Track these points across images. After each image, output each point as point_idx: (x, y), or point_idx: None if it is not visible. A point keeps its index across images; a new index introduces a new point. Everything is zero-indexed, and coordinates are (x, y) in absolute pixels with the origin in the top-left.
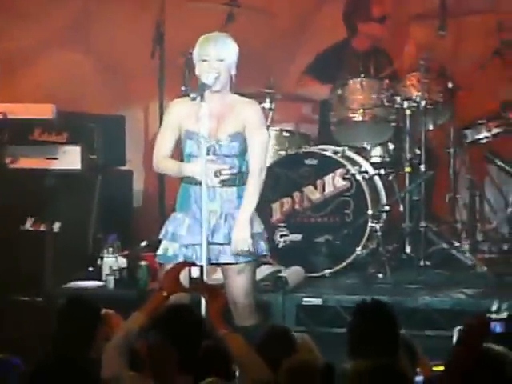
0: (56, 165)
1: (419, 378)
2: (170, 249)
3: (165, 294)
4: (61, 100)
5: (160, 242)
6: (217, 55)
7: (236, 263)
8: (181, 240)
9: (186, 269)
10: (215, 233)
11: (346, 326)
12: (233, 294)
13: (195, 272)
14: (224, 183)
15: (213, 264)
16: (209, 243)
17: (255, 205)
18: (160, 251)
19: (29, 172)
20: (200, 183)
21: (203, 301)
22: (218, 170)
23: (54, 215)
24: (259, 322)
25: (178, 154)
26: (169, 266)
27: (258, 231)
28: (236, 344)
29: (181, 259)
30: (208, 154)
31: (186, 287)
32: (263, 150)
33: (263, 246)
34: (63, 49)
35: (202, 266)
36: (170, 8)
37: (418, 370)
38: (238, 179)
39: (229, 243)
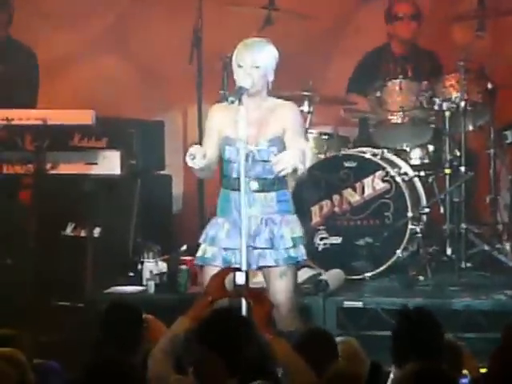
0: (96, 170)
1: (465, 380)
2: (208, 251)
3: (210, 299)
4: (100, 105)
5: (200, 245)
6: (252, 62)
7: (276, 266)
8: (220, 244)
9: (231, 274)
10: (256, 237)
11: (391, 331)
12: (275, 298)
13: (240, 277)
14: (263, 188)
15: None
16: (250, 248)
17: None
18: (199, 253)
19: (69, 178)
20: (239, 189)
21: (243, 307)
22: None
23: (95, 220)
24: (301, 326)
25: (219, 160)
26: (209, 268)
27: (299, 235)
28: (282, 349)
29: (219, 261)
30: (247, 159)
31: (231, 292)
32: (303, 153)
33: (303, 250)
34: (102, 54)
35: (247, 272)
36: (207, 12)
37: (464, 371)
38: (277, 184)
39: (270, 248)
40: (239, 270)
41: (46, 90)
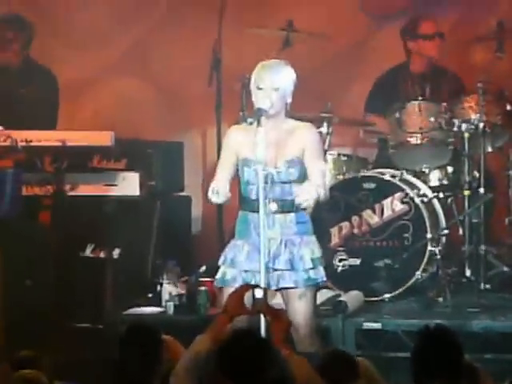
0: (115, 191)
1: None
2: (228, 273)
3: (229, 316)
4: (119, 127)
5: (219, 267)
6: (271, 84)
7: (296, 287)
8: (240, 266)
9: (250, 291)
10: (276, 259)
11: (410, 351)
12: (294, 320)
13: (259, 294)
14: (282, 210)
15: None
16: (270, 269)
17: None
18: (218, 275)
19: (88, 199)
20: (258, 210)
21: (262, 324)
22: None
23: (114, 242)
24: (321, 348)
25: (237, 181)
26: (229, 290)
27: (319, 256)
28: (300, 366)
29: (239, 283)
30: (266, 181)
31: (250, 309)
32: (322, 170)
33: (323, 272)
34: (122, 76)
35: (265, 289)
36: (226, 34)
37: None
38: (296, 205)
39: (290, 269)
40: (258, 286)
41: (65, 112)
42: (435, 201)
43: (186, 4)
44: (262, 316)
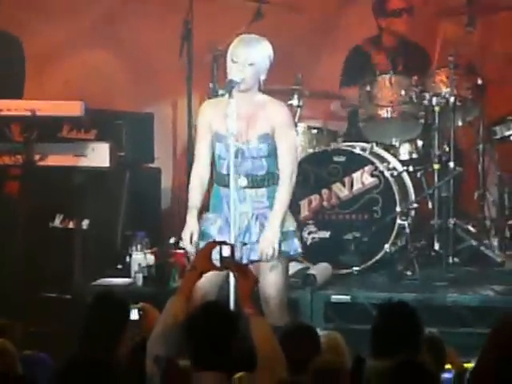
0: (84, 162)
1: (448, 375)
2: (200, 244)
3: (198, 272)
4: (90, 97)
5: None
6: (246, 59)
7: (267, 260)
8: (211, 238)
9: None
10: (247, 233)
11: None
12: (265, 291)
13: (226, 251)
14: (253, 185)
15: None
16: (241, 243)
17: (286, 209)
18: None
19: (57, 169)
20: (229, 185)
21: (231, 280)
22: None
23: (83, 212)
24: (290, 320)
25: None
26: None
27: (291, 229)
28: (260, 328)
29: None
30: (236, 156)
31: (218, 266)
32: (293, 153)
33: (297, 244)
34: (92, 46)
35: (232, 245)
36: (198, 5)
37: (447, 366)
38: (267, 180)
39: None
40: (225, 243)
41: (34, 81)
42: (405, 174)
43: None
44: (229, 272)
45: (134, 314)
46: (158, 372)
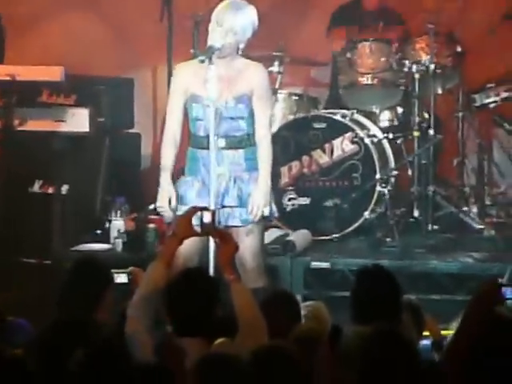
0: (64, 127)
1: (427, 342)
2: (179, 210)
3: (179, 237)
4: (69, 63)
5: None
6: (231, 26)
7: (244, 225)
8: (190, 203)
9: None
10: (225, 195)
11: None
12: (241, 256)
13: (207, 217)
14: (230, 146)
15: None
16: (219, 206)
17: (270, 168)
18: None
19: (37, 134)
20: (207, 147)
21: (211, 246)
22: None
23: (62, 178)
24: (267, 284)
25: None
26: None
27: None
28: (241, 294)
29: None
30: (215, 117)
31: (198, 231)
32: (269, 114)
33: (273, 208)
34: (72, 11)
35: (213, 211)
36: None
37: (425, 333)
38: (245, 141)
39: (239, 206)
40: (206, 209)
41: (14, 46)
42: (385, 141)
43: None
44: (210, 238)
45: (123, 278)
46: (151, 343)
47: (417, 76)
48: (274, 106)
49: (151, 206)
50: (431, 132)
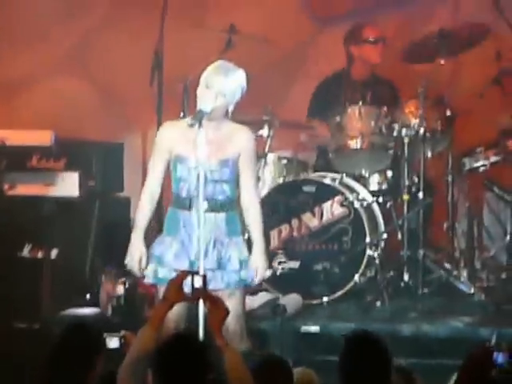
0: (54, 191)
1: None
2: (160, 272)
3: (169, 302)
4: (59, 126)
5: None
6: (220, 88)
7: (226, 289)
8: (168, 265)
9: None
10: (205, 258)
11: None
12: None
13: (198, 281)
14: (213, 209)
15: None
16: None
17: (262, 230)
18: (149, 272)
19: (27, 199)
20: (188, 208)
21: (201, 312)
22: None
23: (52, 242)
24: (251, 348)
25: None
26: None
27: (247, 256)
28: (232, 358)
29: None
30: (198, 179)
31: (189, 296)
32: (255, 178)
33: (253, 273)
34: (62, 75)
35: (204, 276)
36: (168, 34)
37: None
38: (227, 205)
39: (218, 268)
40: (197, 273)
41: (4, 110)
42: (374, 205)
43: (128, 3)
44: (200, 303)
45: (115, 342)
46: None
47: (406, 140)
48: (264, 170)
49: None
50: (421, 195)
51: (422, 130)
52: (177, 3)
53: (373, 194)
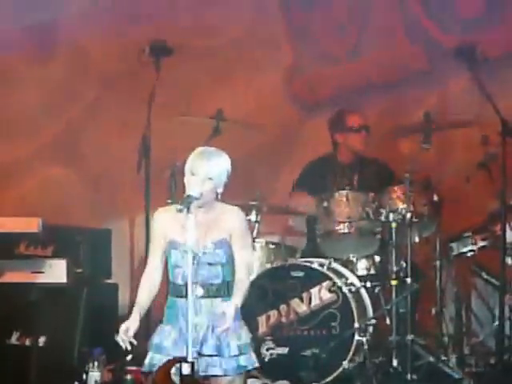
0: (42, 278)
1: None
2: (156, 359)
3: None
4: (47, 213)
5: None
6: (206, 173)
7: (225, 375)
8: (166, 352)
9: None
10: (203, 345)
11: None
12: None
13: (186, 368)
14: (208, 294)
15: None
16: (197, 355)
17: (245, 292)
18: (147, 360)
19: (14, 286)
20: (185, 296)
21: None
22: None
23: (40, 329)
24: None
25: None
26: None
27: (247, 341)
28: None
29: None
30: (192, 263)
31: (177, 382)
32: (250, 257)
33: (253, 357)
34: (49, 162)
35: (193, 363)
36: (156, 121)
37: None
38: (223, 290)
39: (217, 355)
40: (186, 360)
41: None
42: (363, 290)
43: (115, 92)
44: None
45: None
46: None
47: (393, 225)
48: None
49: (129, 357)
50: (408, 280)
51: (409, 215)
52: (164, 90)
53: (361, 279)
